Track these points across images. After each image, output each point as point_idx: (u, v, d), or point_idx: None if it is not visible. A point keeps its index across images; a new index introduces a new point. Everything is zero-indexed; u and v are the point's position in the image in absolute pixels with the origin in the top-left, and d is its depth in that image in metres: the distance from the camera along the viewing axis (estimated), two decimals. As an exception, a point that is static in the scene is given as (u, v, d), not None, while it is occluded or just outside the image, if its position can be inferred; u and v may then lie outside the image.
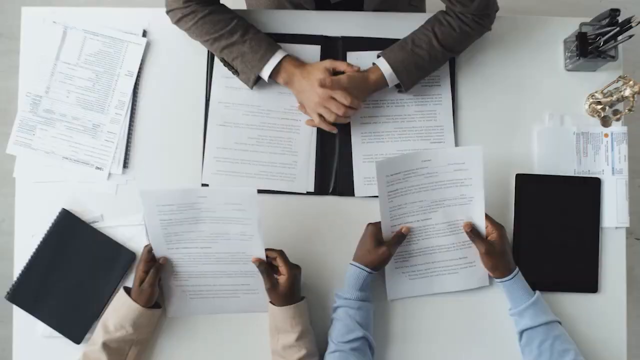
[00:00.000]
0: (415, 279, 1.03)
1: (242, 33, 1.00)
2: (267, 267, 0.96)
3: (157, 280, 0.97)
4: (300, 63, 1.03)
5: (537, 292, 0.99)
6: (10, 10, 1.88)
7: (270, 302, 0.97)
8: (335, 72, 1.02)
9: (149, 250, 0.98)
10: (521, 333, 0.98)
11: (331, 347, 0.94)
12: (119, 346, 0.95)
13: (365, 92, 1.03)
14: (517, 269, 0.99)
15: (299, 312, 0.95)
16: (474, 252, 1.01)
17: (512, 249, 1.03)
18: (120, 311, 0.96)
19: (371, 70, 1.03)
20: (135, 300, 0.95)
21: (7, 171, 1.77)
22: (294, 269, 0.96)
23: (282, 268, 0.95)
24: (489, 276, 1.03)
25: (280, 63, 1.01)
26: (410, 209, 0.99)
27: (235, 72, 1.04)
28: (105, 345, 0.94)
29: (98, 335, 0.95)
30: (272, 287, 0.95)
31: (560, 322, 0.98)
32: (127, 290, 0.98)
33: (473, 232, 0.99)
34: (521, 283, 0.99)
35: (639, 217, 1.84)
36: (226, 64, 1.04)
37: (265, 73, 1.02)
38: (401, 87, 1.04)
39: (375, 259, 0.96)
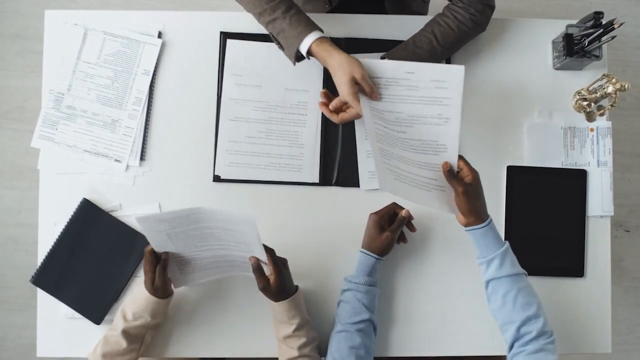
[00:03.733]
0: (397, 180, 0.97)
1: (284, 10, 1.00)
2: (260, 267, 0.96)
3: (166, 274, 0.99)
4: (332, 50, 0.99)
5: (507, 243, 0.97)
6: (25, 12, 1.94)
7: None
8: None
9: (150, 251, 0.98)
10: (487, 282, 0.97)
11: (338, 327, 0.99)
12: (137, 332, 1.00)
13: None
14: (490, 218, 0.97)
15: (295, 305, 0.99)
16: (443, 178, 0.98)
17: (499, 229, 1.00)
18: (139, 302, 1.00)
19: None
20: (152, 295, 0.99)
21: (22, 166, 1.87)
22: (280, 266, 0.97)
23: (270, 267, 0.96)
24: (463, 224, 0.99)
25: (311, 47, 0.99)
26: (387, 117, 0.99)
27: (281, 47, 1.04)
28: (125, 332, 0.98)
29: (118, 323, 1.00)
30: (264, 287, 0.96)
31: (526, 275, 0.97)
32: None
33: (450, 172, 0.97)
34: (493, 233, 0.96)
35: (628, 209, 1.91)
36: (274, 38, 1.04)
37: (303, 50, 1.00)
38: None
39: (381, 245, 1.02)
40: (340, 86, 0.98)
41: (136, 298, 1.01)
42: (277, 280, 0.96)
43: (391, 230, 1.03)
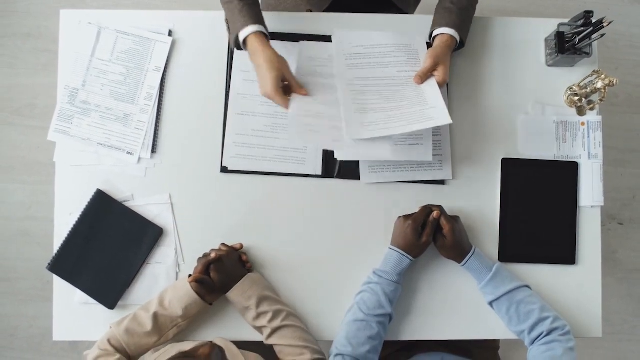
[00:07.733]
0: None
1: None
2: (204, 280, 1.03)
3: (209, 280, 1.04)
4: (262, 48, 1.03)
5: (496, 265, 1.07)
6: (36, 12, 1.99)
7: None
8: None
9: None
10: (490, 305, 1.08)
11: (360, 315, 1.03)
12: (164, 321, 1.03)
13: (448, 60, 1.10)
14: (473, 249, 1.07)
15: (247, 287, 1.03)
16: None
17: (467, 235, 1.11)
18: (178, 292, 1.03)
19: (439, 43, 1.09)
20: (201, 297, 1.03)
21: (33, 161, 1.93)
22: (215, 267, 1.04)
23: (203, 269, 1.05)
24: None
25: (248, 37, 1.04)
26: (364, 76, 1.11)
27: (229, 30, 1.09)
28: (155, 316, 1.02)
29: (153, 305, 1.03)
30: (212, 288, 1.04)
31: (526, 286, 1.07)
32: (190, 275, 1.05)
33: (434, 223, 1.07)
34: (478, 262, 1.07)
35: (621, 203, 1.95)
36: (225, 20, 1.10)
37: (241, 37, 1.05)
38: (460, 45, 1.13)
39: (421, 251, 1.08)
40: (265, 82, 1.01)
41: (178, 287, 1.04)
42: (217, 276, 1.03)
43: (427, 235, 1.06)
